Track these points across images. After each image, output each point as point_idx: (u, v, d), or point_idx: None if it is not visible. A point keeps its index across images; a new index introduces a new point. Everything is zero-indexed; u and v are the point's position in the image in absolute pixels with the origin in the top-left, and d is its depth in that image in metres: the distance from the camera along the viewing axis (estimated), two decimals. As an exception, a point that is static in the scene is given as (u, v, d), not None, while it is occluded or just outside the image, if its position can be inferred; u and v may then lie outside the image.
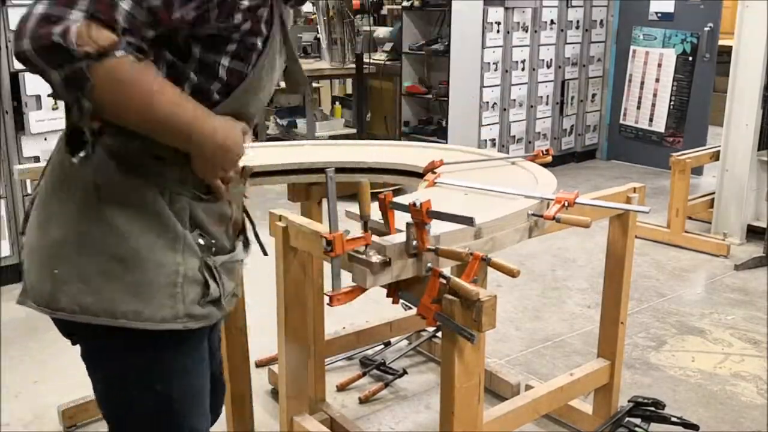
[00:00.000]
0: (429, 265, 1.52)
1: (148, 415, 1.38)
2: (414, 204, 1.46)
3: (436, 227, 1.55)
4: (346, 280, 1.50)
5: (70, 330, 1.37)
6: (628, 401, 2.54)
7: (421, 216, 1.47)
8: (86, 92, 1.12)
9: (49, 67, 1.10)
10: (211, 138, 1.26)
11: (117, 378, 1.36)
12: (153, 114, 1.19)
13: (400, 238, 1.52)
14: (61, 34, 1.07)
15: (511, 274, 1.49)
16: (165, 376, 1.36)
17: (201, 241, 1.33)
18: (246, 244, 1.50)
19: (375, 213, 1.56)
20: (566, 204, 1.78)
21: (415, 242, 1.50)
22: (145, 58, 1.17)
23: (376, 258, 1.47)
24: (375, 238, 1.50)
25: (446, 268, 1.59)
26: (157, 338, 1.29)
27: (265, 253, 1.62)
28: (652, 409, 2.56)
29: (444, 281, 1.50)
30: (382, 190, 1.91)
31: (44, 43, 1.08)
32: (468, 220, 1.49)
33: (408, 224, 1.50)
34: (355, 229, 1.49)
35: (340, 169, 2.08)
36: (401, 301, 1.64)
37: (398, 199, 1.63)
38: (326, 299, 1.50)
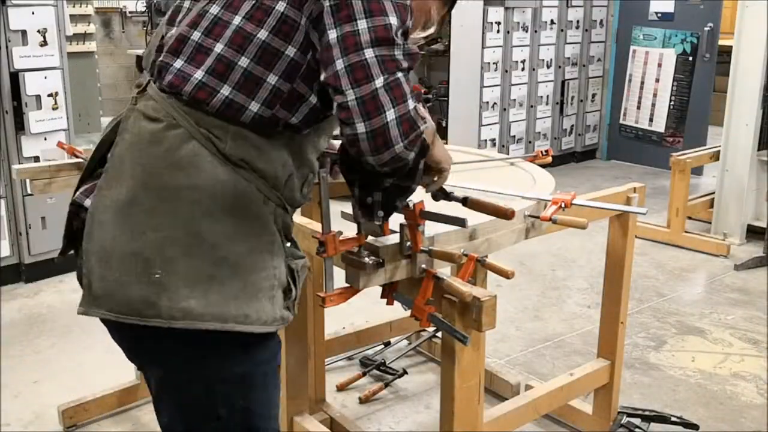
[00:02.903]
0: (423, 266, 1.52)
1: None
2: (407, 205, 1.46)
3: (432, 228, 1.55)
4: (342, 281, 1.50)
5: (156, 339, 1.26)
6: (618, 412, 2.52)
7: (414, 217, 1.47)
8: (428, 155, 1.34)
9: (411, 153, 1.25)
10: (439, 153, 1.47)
11: (196, 397, 1.31)
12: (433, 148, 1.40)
13: (394, 239, 1.52)
14: (418, 126, 1.24)
15: (506, 275, 1.49)
16: (247, 388, 1.32)
17: (286, 246, 1.35)
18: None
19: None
20: (563, 205, 1.78)
21: (408, 243, 1.50)
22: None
23: (369, 259, 1.47)
24: (369, 239, 1.50)
25: (446, 269, 1.59)
26: (248, 342, 1.28)
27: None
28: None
29: (439, 282, 1.50)
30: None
31: (414, 139, 1.23)
32: (460, 221, 1.48)
33: (401, 225, 1.50)
34: (353, 231, 1.49)
35: (340, 169, 2.07)
36: (400, 301, 1.63)
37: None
38: (319, 300, 1.50)
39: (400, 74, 1.21)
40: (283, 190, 1.31)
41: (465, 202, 1.55)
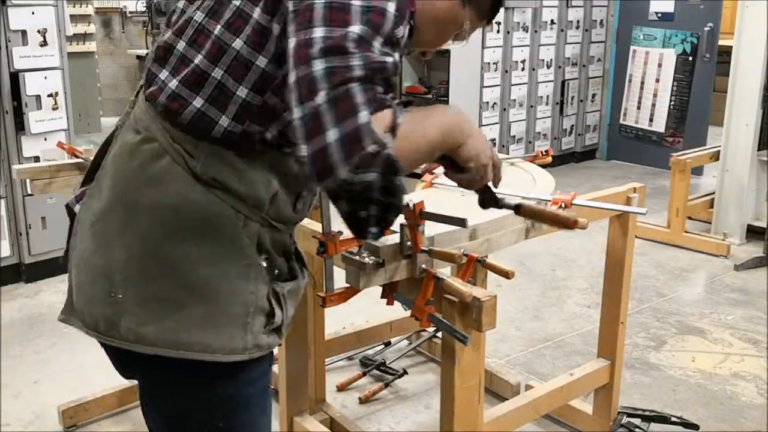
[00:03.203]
0: (423, 266, 1.52)
1: None
2: (407, 205, 1.46)
3: (432, 228, 1.55)
4: (342, 281, 1.50)
5: (129, 358, 1.23)
6: (619, 412, 2.52)
7: (414, 217, 1.47)
8: (399, 171, 1.09)
9: (370, 174, 1.05)
10: (463, 133, 1.22)
11: (178, 414, 1.27)
12: (427, 148, 1.15)
13: (394, 239, 1.52)
14: (370, 143, 1.03)
15: (506, 275, 1.49)
16: (228, 410, 1.27)
17: (268, 268, 1.25)
18: (303, 269, 1.40)
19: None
20: (563, 205, 1.78)
21: (408, 243, 1.50)
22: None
23: (369, 259, 1.47)
24: (369, 238, 1.50)
25: (446, 269, 1.59)
26: (221, 369, 1.21)
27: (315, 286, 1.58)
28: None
29: (439, 282, 1.50)
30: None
31: (361, 161, 1.03)
32: (460, 222, 1.48)
33: (401, 225, 1.50)
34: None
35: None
36: (400, 301, 1.63)
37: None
38: (319, 300, 1.50)
39: (353, 85, 1.04)
40: (268, 210, 1.23)
41: (517, 210, 1.36)
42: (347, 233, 1.44)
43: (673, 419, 2.58)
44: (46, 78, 3.69)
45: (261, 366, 1.28)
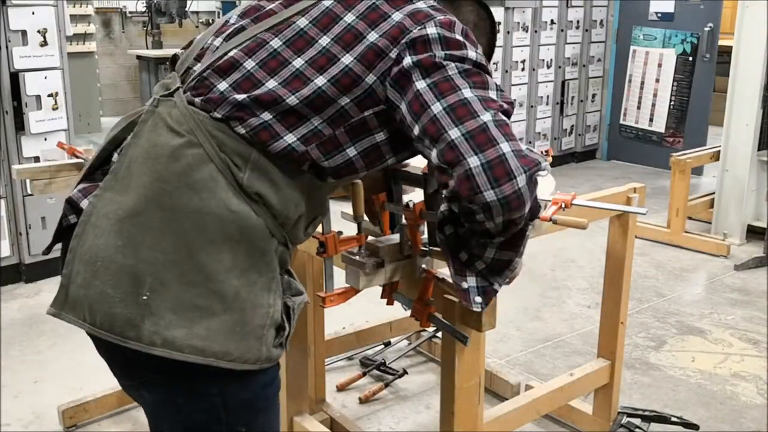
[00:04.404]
0: (423, 266, 1.52)
1: None
2: (407, 205, 1.46)
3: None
4: (342, 281, 1.50)
5: (147, 362, 1.19)
6: (618, 412, 2.52)
7: (414, 217, 1.47)
8: (536, 215, 1.26)
9: (529, 202, 1.19)
10: None
11: (197, 424, 1.25)
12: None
13: (394, 239, 1.52)
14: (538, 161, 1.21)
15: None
16: (249, 414, 1.27)
17: (284, 283, 1.29)
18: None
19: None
20: (563, 205, 1.78)
21: (408, 243, 1.50)
22: None
23: (369, 259, 1.47)
24: (369, 239, 1.51)
25: (446, 269, 1.58)
26: (239, 374, 1.21)
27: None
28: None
29: (439, 282, 1.50)
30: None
31: (534, 181, 1.19)
32: None
33: (401, 225, 1.50)
34: (353, 231, 1.49)
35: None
36: (400, 301, 1.63)
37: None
38: (319, 300, 1.50)
39: (502, 116, 1.21)
40: (289, 230, 1.27)
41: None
42: (347, 233, 1.45)
43: (673, 419, 2.58)
44: (46, 78, 3.69)
45: (275, 368, 1.30)
